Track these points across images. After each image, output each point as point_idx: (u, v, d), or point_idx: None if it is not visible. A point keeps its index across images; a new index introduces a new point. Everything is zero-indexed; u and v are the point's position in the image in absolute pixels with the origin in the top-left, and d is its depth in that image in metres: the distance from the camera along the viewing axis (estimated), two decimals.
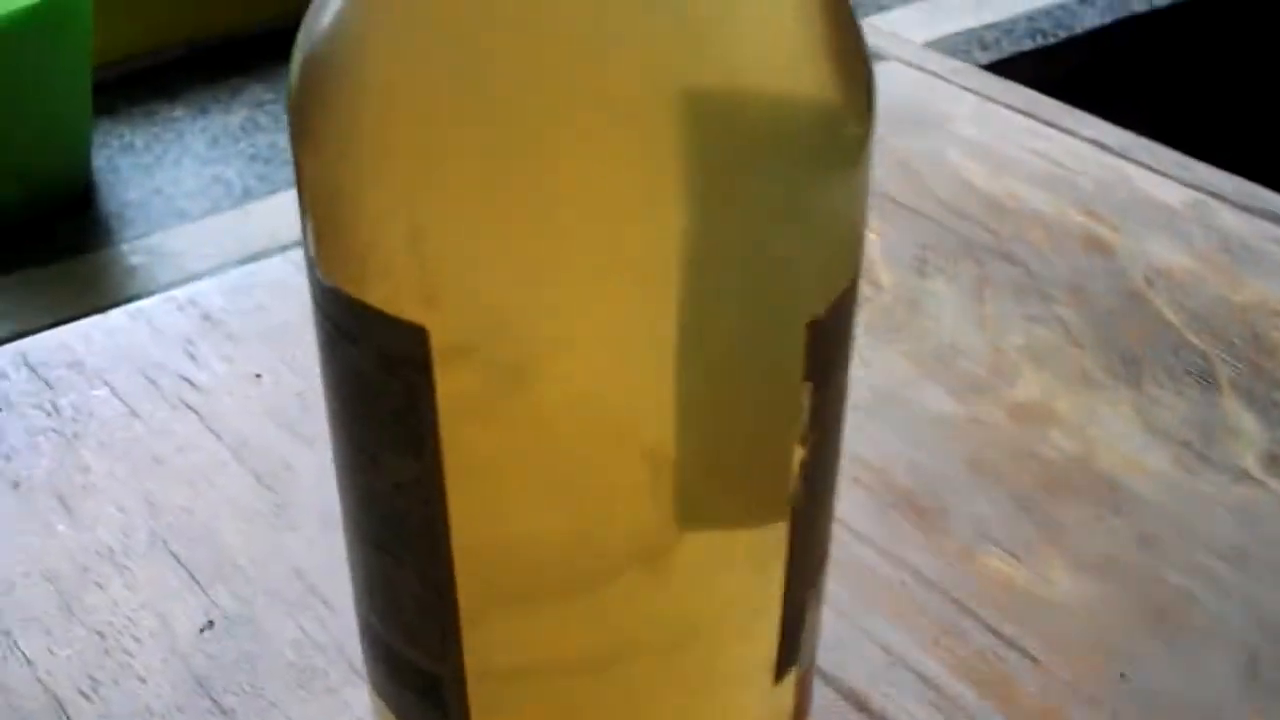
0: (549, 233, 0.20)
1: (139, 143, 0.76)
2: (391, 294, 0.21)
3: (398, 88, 0.20)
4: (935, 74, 0.64)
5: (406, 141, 0.20)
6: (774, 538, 0.25)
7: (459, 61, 0.20)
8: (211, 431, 0.44)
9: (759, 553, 0.25)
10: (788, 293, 0.22)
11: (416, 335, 0.21)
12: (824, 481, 0.25)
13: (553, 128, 0.19)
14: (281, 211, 0.70)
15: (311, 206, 0.22)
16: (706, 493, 0.23)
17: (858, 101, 0.22)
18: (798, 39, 0.21)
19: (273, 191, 0.71)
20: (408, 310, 0.21)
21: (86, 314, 0.65)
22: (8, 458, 0.44)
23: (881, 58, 0.65)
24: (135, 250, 0.68)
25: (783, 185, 0.21)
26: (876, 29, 0.69)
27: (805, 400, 0.23)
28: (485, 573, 0.24)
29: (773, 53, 0.20)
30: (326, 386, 0.24)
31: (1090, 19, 0.91)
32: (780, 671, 0.27)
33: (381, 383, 0.22)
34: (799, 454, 0.24)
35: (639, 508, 0.23)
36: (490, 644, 0.25)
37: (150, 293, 0.65)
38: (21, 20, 0.64)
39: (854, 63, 0.22)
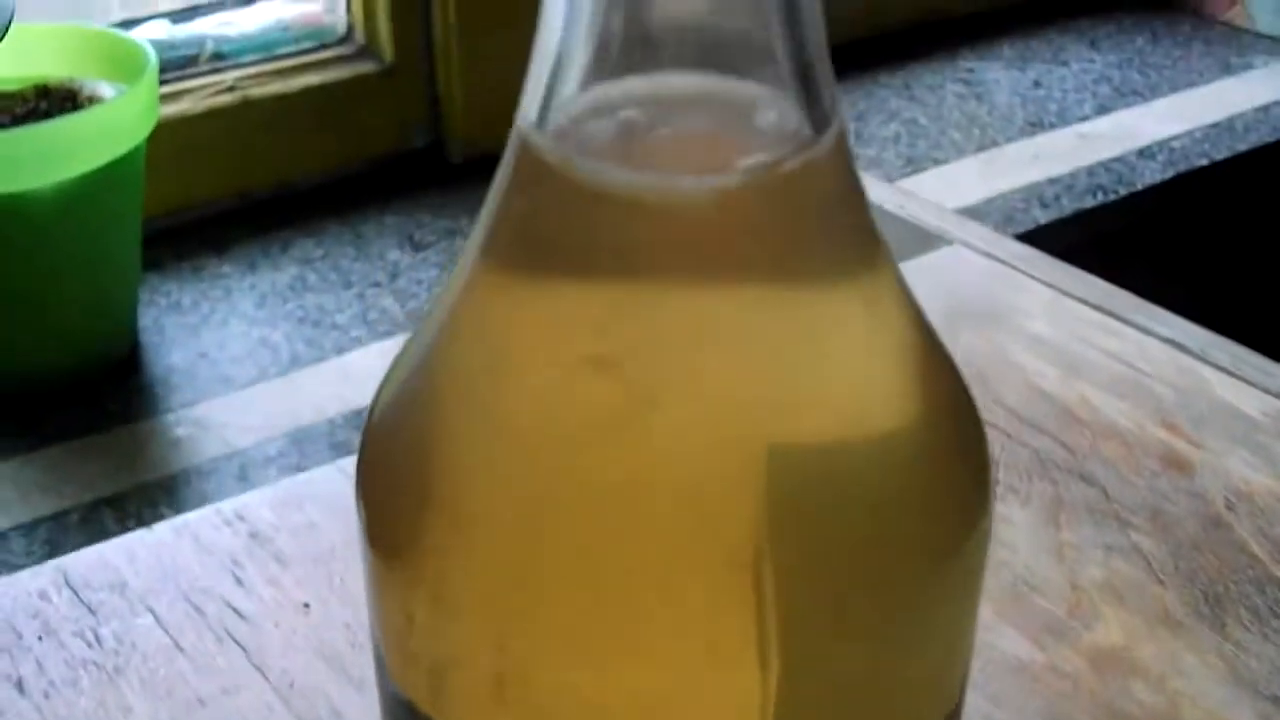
0: (644, 689, 0.18)
1: (185, 301, 0.75)
2: None
3: (497, 535, 0.18)
4: (1003, 261, 0.62)
5: (498, 588, 0.18)
6: None
7: (563, 514, 0.18)
8: (257, 669, 0.43)
9: None
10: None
11: None
12: None
13: (662, 595, 0.18)
14: (327, 382, 0.68)
15: (382, 605, 0.21)
16: None
17: (978, 532, 0.20)
18: (923, 476, 0.19)
19: (320, 359, 0.70)
20: None
21: (129, 492, 0.64)
22: (46, 694, 0.42)
23: (945, 241, 0.64)
24: (180, 421, 0.67)
25: (910, 621, 0.19)
26: (938, 210, 0.68)
27: None
28: None
29: (895, 507, 0.19)
30: None
31: (1151, 174, 0.89)
32: None
33: None
34: None
35: None
36: None
37: (195, 467, 0.64)
38: (74, 188, 0.64)
39: (977, 492, 0.20)
